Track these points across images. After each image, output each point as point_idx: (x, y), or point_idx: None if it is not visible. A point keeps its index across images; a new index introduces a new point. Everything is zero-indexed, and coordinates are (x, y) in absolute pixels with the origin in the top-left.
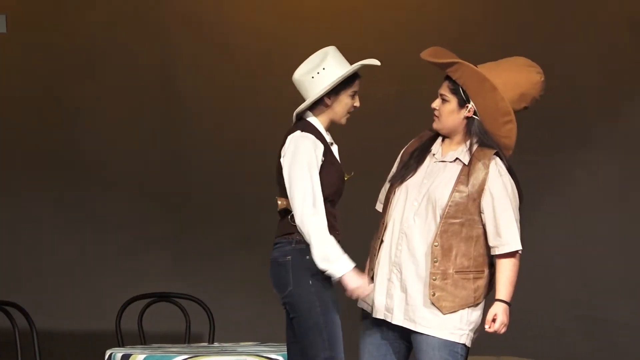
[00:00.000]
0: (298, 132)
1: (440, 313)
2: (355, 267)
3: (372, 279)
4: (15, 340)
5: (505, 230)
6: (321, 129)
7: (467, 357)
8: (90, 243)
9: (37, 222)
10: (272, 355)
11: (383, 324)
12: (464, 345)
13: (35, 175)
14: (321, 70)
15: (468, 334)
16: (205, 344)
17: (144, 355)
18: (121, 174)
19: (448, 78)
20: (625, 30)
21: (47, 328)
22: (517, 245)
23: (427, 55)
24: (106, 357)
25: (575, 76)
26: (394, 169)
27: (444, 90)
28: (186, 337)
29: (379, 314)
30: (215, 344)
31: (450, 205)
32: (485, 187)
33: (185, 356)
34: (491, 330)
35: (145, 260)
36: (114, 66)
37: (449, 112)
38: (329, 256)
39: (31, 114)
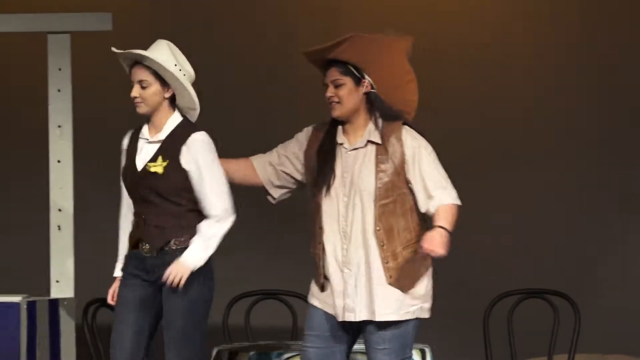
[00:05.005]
0: None
1: (401, 293)
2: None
3: (323, 286)
4: None
5: (435, 192)
6: (145, 125)
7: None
8: None
9: None
10: None
11: (332, 321)
12: (418, 319)
13: None
14: None
15: (423, 307)
16: None
17: (250, 353)
18: None
19: (331, 64)
20: None
21: None
22: (450, 200)
23: (310, 50)
24: (214, 353)
25: None
26: (295, 150)
27: (334, 75)
28: (293, 334)
29: (340, 317)
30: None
31: (379, 188)
32: (405, 158)
33: (292, 353)
34: (426, 246)
35: (250, 257)
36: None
37: (347, 95)
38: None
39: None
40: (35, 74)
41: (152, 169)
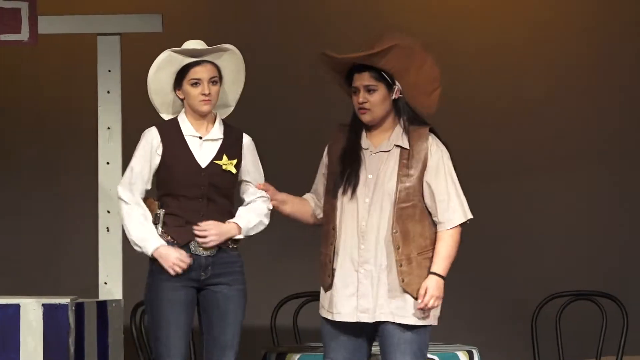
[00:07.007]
0: None
1: (411, 298)
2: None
3: (330, 286)
4: None
5: (450, 205)
6: (185, 121)
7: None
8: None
9: None
10: (428, 355)
11: (348, 326)
12: (431, 325)
13: None
14: None
15: (434, 314)
16: None
17: (298, 355)
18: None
19: (364, 68)
20: None
21: None
22: (462, 218)
23: (350, 56)
24: (262, 355)
25: None
26: (323, 171)
27: (367, 80)
28: None
29: (351, 317)
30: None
31: (400, 191)
32: (428, 165)
33: None
34: (422, 305)
35: (298, 258)
36: None
37: (380, 101)
38: (136, 240)
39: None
40: (79, 77)
41: (225, 167)
